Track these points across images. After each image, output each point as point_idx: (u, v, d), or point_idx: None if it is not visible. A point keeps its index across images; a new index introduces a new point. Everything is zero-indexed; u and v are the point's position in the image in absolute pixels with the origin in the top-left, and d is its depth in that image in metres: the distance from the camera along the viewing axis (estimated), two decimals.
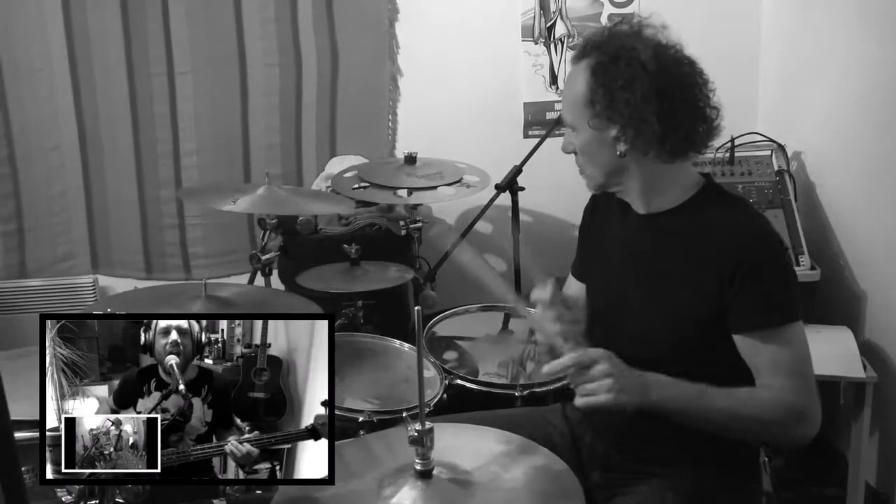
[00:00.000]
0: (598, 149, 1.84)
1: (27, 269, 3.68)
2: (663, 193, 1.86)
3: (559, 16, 3.62)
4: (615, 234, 1.98)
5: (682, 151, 1.80)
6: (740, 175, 3.16)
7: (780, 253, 1.79)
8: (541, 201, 3.65)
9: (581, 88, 1.80)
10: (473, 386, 2.39)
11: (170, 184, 3.67)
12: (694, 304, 1.78)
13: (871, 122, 2.81)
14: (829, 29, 3.08)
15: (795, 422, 1.72)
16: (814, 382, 1.76)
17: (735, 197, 1.90)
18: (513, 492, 1.47)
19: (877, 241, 2.81)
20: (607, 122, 1.79)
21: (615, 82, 1.75)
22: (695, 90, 1.78)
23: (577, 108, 1.82)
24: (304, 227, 3.11)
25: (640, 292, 1.88)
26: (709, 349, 1.79)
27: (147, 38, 3.51)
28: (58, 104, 3.55)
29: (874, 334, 2.82)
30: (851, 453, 2.71)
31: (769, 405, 1.71)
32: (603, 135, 1.81)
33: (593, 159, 1.86)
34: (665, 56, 1.77)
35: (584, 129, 1.82)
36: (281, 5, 3.52)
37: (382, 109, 3.69)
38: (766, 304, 1.72)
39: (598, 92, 1.77)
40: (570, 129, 1.87)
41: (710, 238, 1.77)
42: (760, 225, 1.81)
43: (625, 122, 1.76)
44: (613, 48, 1.78)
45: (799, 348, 1.74)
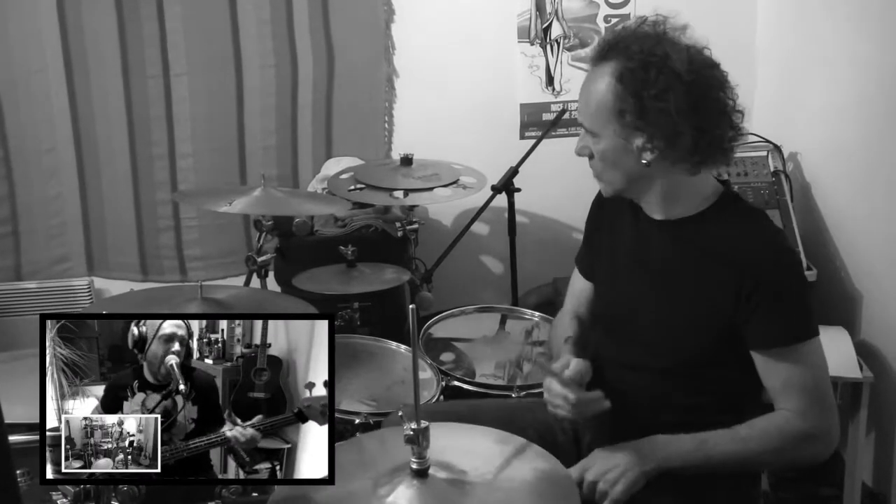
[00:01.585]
0: (621, 156, 1.76)
1: (22, 272, 3.67)
2: (683, 201, 1.81)
3: (555, 17, 3.62)
4: (625, 237, 1.93)
5: (712, 162, 1.76)
6: (736, 175, 3.16)
7: (799, 271, 1.78)
8: (537, 202, 3.65)
9: (607, 95, 1.72)
10: (470, 387, 2.39)
11: (165, 186, 3.66)
12: (707, 315, 1.75)
13: (867, 123, 2.81)
14: (825, 29, 3.09)
15: (805, 446, 1.72)
16: (831, 400, 1.74)
17: (754, 208, 1.87)
18: (509, 491, 1.47)
19: (873, 241, 2.81)
20: (635, 130, 1.72)
21: (647, 90, 1.67)
22: (724, 95, 1.74)
23: (601, 114, 1.74)
24: (301, 229, 3.11)
25: (650, 299, 1.85)
26: (718, 362, 1.78)
27: (143, 39, 3.50)
28: (53, 106, 3.54)
29: (870, 334, 2.82)
30: (848, 453, 2.71)
31: (776, 436, 1.71)
32: (629, 143, 1.74)
33: (616, 166, 1.79)
34: (698, 62, 1.71)
35: (609, 136, 1.75)
36: (277, 7, 3.52)
37: (378, 111, 3.69)
38: (783, 323, 1.70)
39: (628, 101, 1.69)
40: (590, 134, 1.79)
41: (728, 251, 1.74)
42: (781, 241, 1.79)
43: (655, 132, 1.70)
44: (642, 53, 1.69)
45: (814, 366, 1.73)
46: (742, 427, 1.72)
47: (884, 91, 2.69)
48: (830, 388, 1.75)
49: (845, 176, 3.00)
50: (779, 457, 1.75)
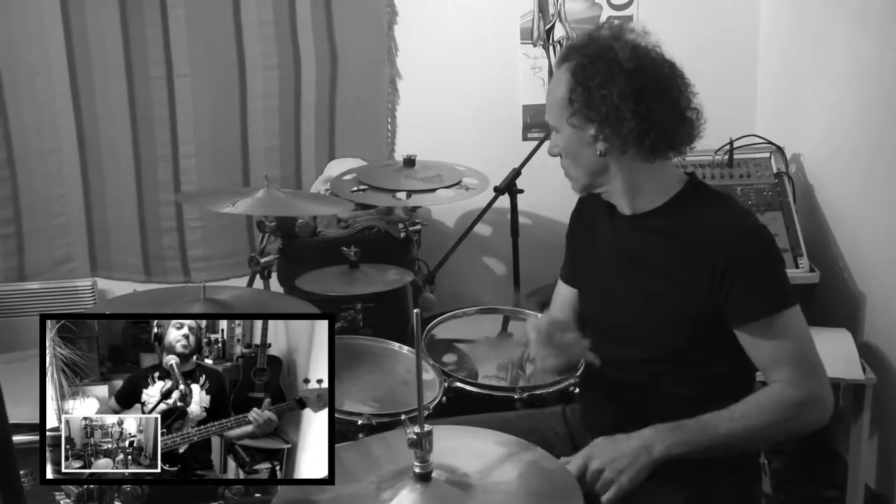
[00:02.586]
0: (578, 149, 1.88)
1: (26, 272, 3.69)
2: (646, 193, 1.88)
3: (558, 18, 3.62)
4: (604, 238, 1.99)
5: (662, 150, 1.83)
6: (739, 177, 3.17)
7: (767, 244, 1.81)
8: (539, 204, 3.65)
9: (561, 89, 1.85)
10: (473, 389, 2.38)
11: (169, 186, 3.67)
12: (686, 302, 1.80)
13: (870, 125, 2.81)
14: (828, 31, 3.09)
15: (803, 413, 1.75)
16: (819, 364, 1.78)
17: (719, 193, 1.92)
18: (512, 494, 1.47)
19: (876, 243, 2.81)
20: (585, 120, 1.83)
21: (592, 81, 1.80)
22: (673, 90, 1.82)
23: (557, 108, 1.87)
24: (303, 230, 3.11)
25: (631, 294, 1.90)
26: (705, 347, 1.81)
27: (146, 41, 3.52)
28: (57, 107, 3.56)
29: (873, 336, 2.82)
30: (851, 455, 2.71)
31: (772, 408, 1.74)
32: (582, 134, 1.85)
33: (576, 160, 1.90)
34: (643, 56, 1.81)
35: (565, 128, 1.87)
36: (280, 8, 3.53)
37: (381, 112, 3.69)
38: (760, 295, 1.74)
39: (577, 90, 1.82)
40: (554, 130, 1.93)
41: (696, 235, 1.80)
42: (746, 218, 1.83)
43: (601, 119, 1.80)
44: (593, 50, 1.83)
45: (797, 333, 1.77)
46: (738, 405, 1.75)
47: (886, 92, 2.69)
48: (817, 354, 1.79)
49: (848, 177, 2.99)
50: (779, 428, 1.77)
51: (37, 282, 3.66)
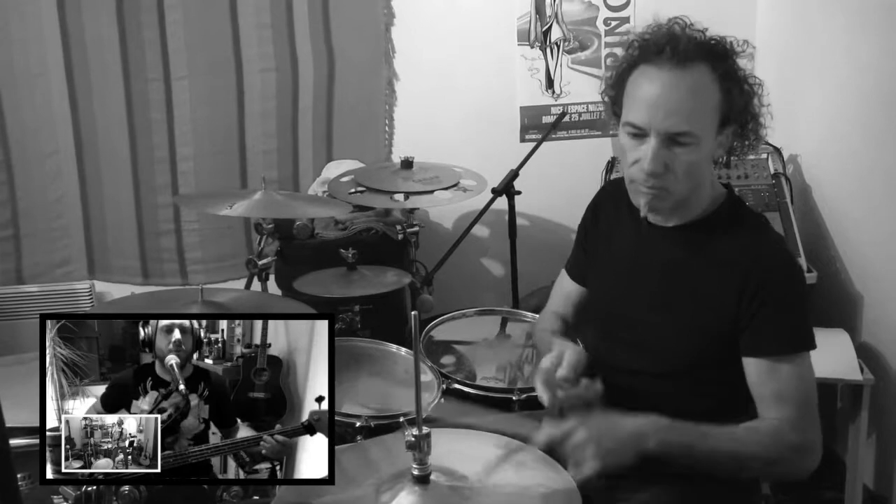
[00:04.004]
0: (707, 161, 1.77)
1: (24, 275, 3.68)
2: (693, 206, 1.82)
3: (555, 20, 3.62)
4: (624, 241, 1.94)
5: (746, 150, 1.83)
6: (737, 178, 3.17)
7: (802, 282, 1.79)
8: (537, 205, 3.66)
9: (709, 94, 1.71)
10: (471, 390, 2.38)
11: (166, 189, 3.67)
12: (708, 319, 1.76)
13: (867, 126, 2.82)
14: (825, 32, 3.09)
15: (797, 458, 1.71)
16: (816, 414, 1.74)
17: (756, 214, 1.89)
18: (511, 496, 1.47)
19: (873, 243, 2.81)
20: (730, 123, 1.75)
21: (737, 79, 1.73)
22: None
23: (707, 116, 1.72)
24: (301, 232, 3.11)
25: (651, 304, 1.85)
26: (714, 367, 1.79)
27: (143, 43, 3.51)
28: (54, 110, 3.55)
29: (871, 337, 2.82)
30: (849, 456, 2.71)
31: (770, 443, 1.70)
32: (720, 139, 1.76)
33: (693, 175, 1.75)
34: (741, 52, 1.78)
35: (709, 137, 1.73)
36: (277, 11, 3.53)
37: (379, 114, 3.69)
38: (782, 331, 1.72)
39: (733, 91, 1.73)
40: (687, 144, 1.71)
41: (735, 256, 1.75)
42: (786, 250, 1.81)
43: (744, 119, 1.75)
44: (711, 47, 1.75)
45: (806, 379, 1.73)
46: (739, 429, 1.72)
47: (884, 93, 2.69)
48: (817, 403, 1.75)
49: (845, 178, 3.00)
50: (770, 467, 1.72)
51: (35, 284, 3.66)
